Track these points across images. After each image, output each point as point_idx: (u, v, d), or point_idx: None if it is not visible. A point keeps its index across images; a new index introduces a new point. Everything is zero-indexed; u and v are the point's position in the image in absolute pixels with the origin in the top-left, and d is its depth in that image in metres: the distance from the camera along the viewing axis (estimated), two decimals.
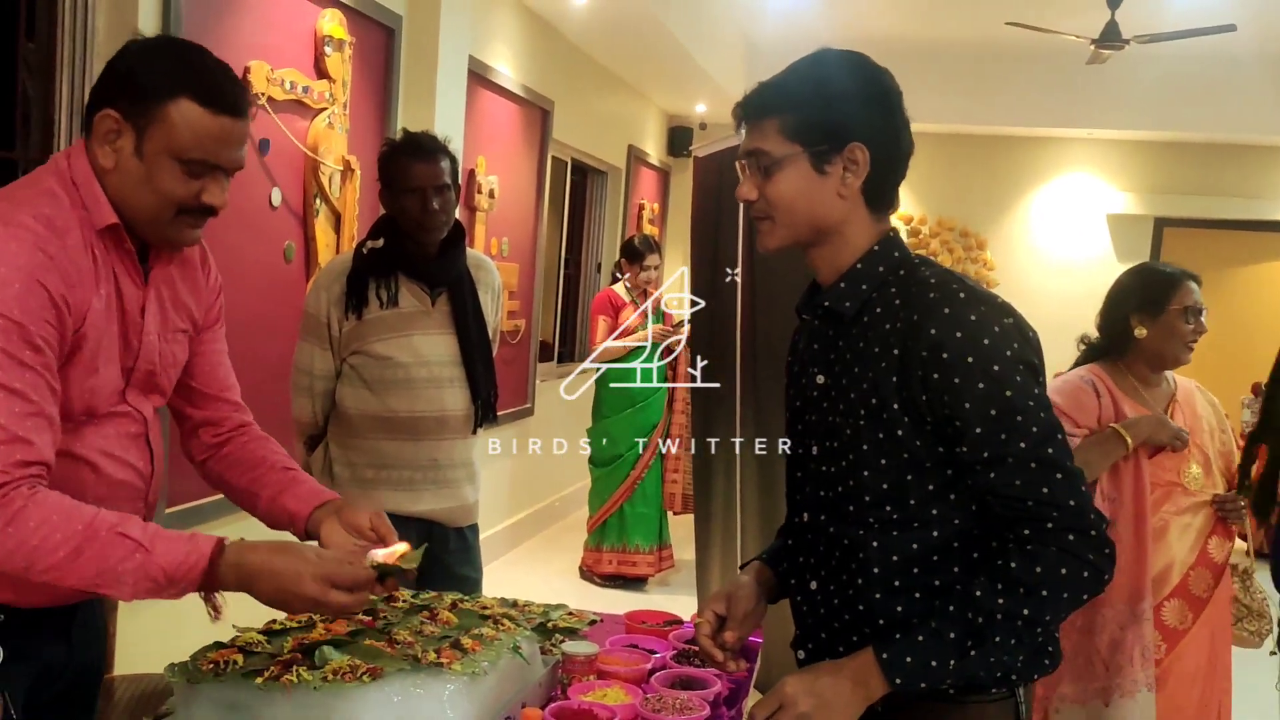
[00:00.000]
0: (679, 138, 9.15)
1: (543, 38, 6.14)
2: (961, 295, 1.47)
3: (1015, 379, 1.44)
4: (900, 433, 1.49)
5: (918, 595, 1.52)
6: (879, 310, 1.53)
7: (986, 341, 1.44)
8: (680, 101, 8.60)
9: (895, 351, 1.48)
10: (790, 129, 1.53)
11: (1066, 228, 9.38)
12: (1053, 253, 9.30)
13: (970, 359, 1.43)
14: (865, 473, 1.52)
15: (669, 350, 5.79)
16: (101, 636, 1.91)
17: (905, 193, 9.32)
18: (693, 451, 5.46)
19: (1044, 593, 1.41)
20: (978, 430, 1.44)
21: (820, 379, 1.60)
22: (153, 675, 2.30)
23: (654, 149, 8.80)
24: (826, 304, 1.58)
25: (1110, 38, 6.23)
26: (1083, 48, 6.58)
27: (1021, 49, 7.75)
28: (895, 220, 2.87)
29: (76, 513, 1.47)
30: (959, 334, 1.44)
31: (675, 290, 9.46)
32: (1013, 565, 1.42)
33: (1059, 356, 2.57)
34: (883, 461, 1.51)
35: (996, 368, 1.43)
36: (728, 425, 4.38)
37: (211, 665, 1.65)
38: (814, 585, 1.63)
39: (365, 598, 1.60)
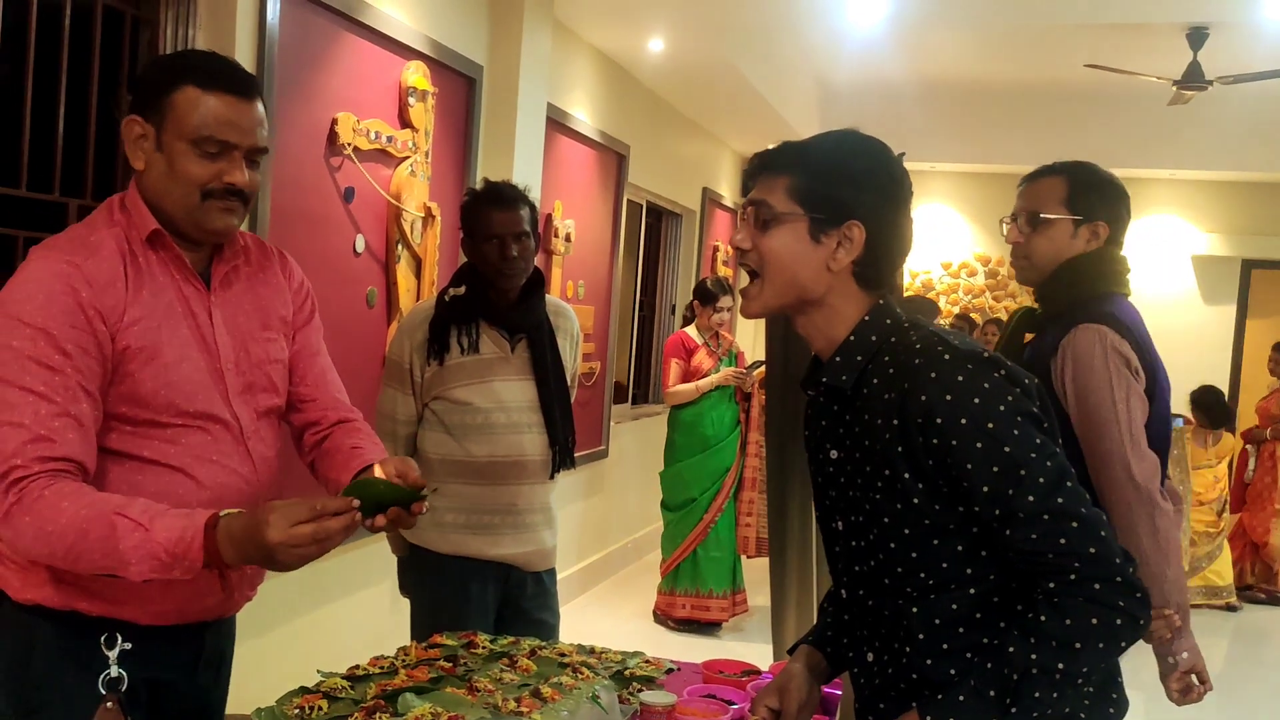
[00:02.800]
0: None
1: (619, 84, 6.22)
2: (946, 357, 1.47)
3: (1013, 432, 1.43)
4: (917, 501, 1.49)
5: (969, 655, 1.51)
6: (876, 381, 1.53)
7: (977, 400, 1.43)
8: (754, 143, 8.63)
9: (895, 422, 1.48)
10: (797, 191, 1.55)
11: (1150, 269, 9.21)
12: (1136, 294, 9.08)
13: (964, 420, 1.43)
14: (892, 545, 1.52)
15: (742, 393, 5.78)
16: (226, 676, 1.97)
17: (983, 233, 9.23)
18: (767, 495, 5.44)
19: (1077, 645, 1.40)
20: (984, 489, 1.43)
21: (834, 454, 1.61)
22: (237, 716, 2.35)
23: (728, 190, 8.84)
24: (825, 380, 1.58)
25: (1193, 79, 6.13)
26: (1164, 88, 6.48)
27: (1101, 90, 7.65)
28: (974, 262, 2.89)
29: (87, 498, 1.55)
30: (948, 397, 1.44)
31: (748, 333, 9.46)
32: (1043, 619, 1.41)
33: None
34: (906, 531, 1.51)
35: (991, 424, 1.43)
36: (803, 468, 4.35)
37: (297, 711, 1.68)
38: (870, 656, 1.62)
39: (335, 526, 1.54)
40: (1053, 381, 2.28)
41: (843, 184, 1.54)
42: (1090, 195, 2.41)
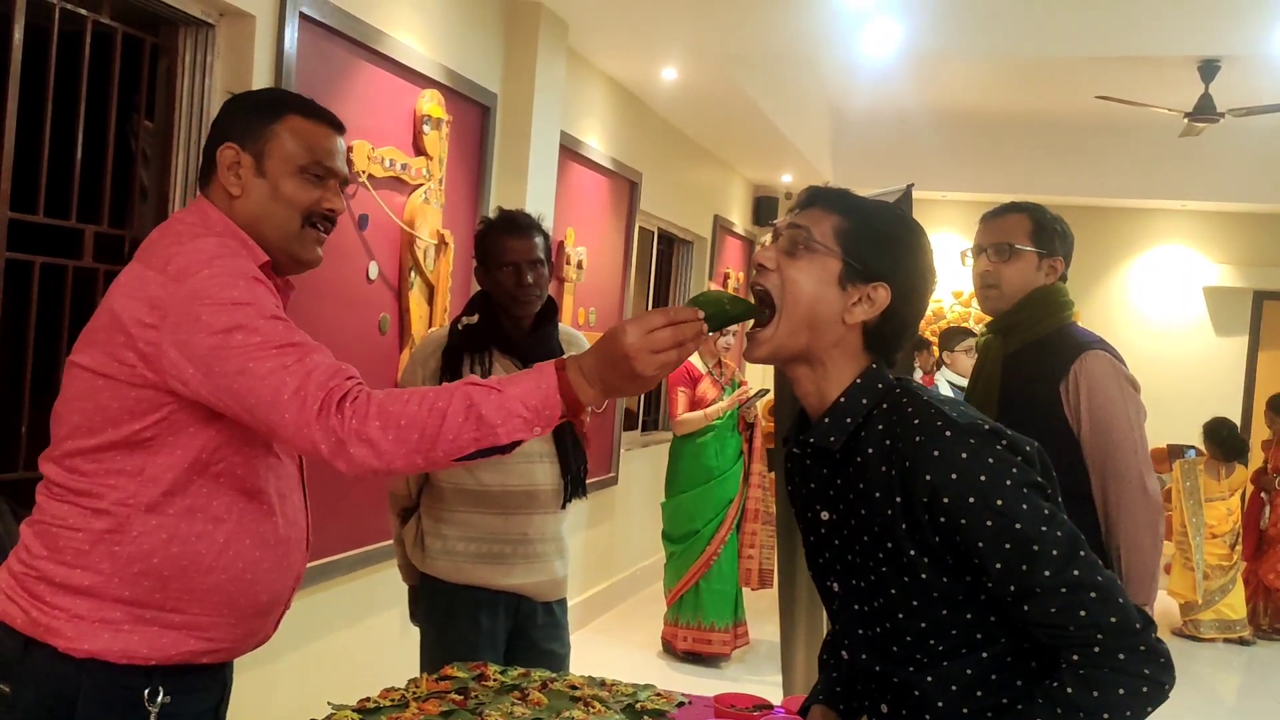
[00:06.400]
0: (764, 207, 9.20)
1: (631, 112, 6.25)
2: (948, 433, 1.44)
3: (1021, 507, 1.41)
4: (925, 576, 1.47)
5: (990, 715, 1.48)
6: (871, 451, 1.50)
7: (983, 478, 1.41)
8: (766, 172, 8.66)
9: (897, 499, 1.46)
10: (843, 234, 1.53)
11: (1161, 300, 9.20)
12: (1148, 326, 9.12)
13: (971, 499, 1.41)
14: (900, 615, 1.50)
15: (745, 423, 5.74)
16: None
17: None
18: (775, 526, 5.40)
19: (1105, 716, 1.38)
20: (998, 566, 1.41)
21: (824, 515, 1.58)
22: None
23: (739, 218, 8.86)
24: (812, 440, 1.55)
25: (1204, 111, 6.15)
26: (1176, 120, 6.50)
27: (1113, 121, 7.68)
28: (975, 289, 2.95)
29: (420, 389, 1.56)
30: (954, 475, 1.41)
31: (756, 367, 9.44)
32: (1069, 691, 1.39)
33: (1152, 433, 2.61)
34: (914, 603, 1.49)
35: (1000, 502, 1.41)
36: None
37: None
38: (885, 709, 1.59)
39: (689, 333, 1.52)
40: (1062, 402, 2.55)
41: (887, 247, 1.54)
42: (1051, 232, 2.67)
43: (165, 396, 1.61)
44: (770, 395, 5.96)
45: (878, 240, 1.54)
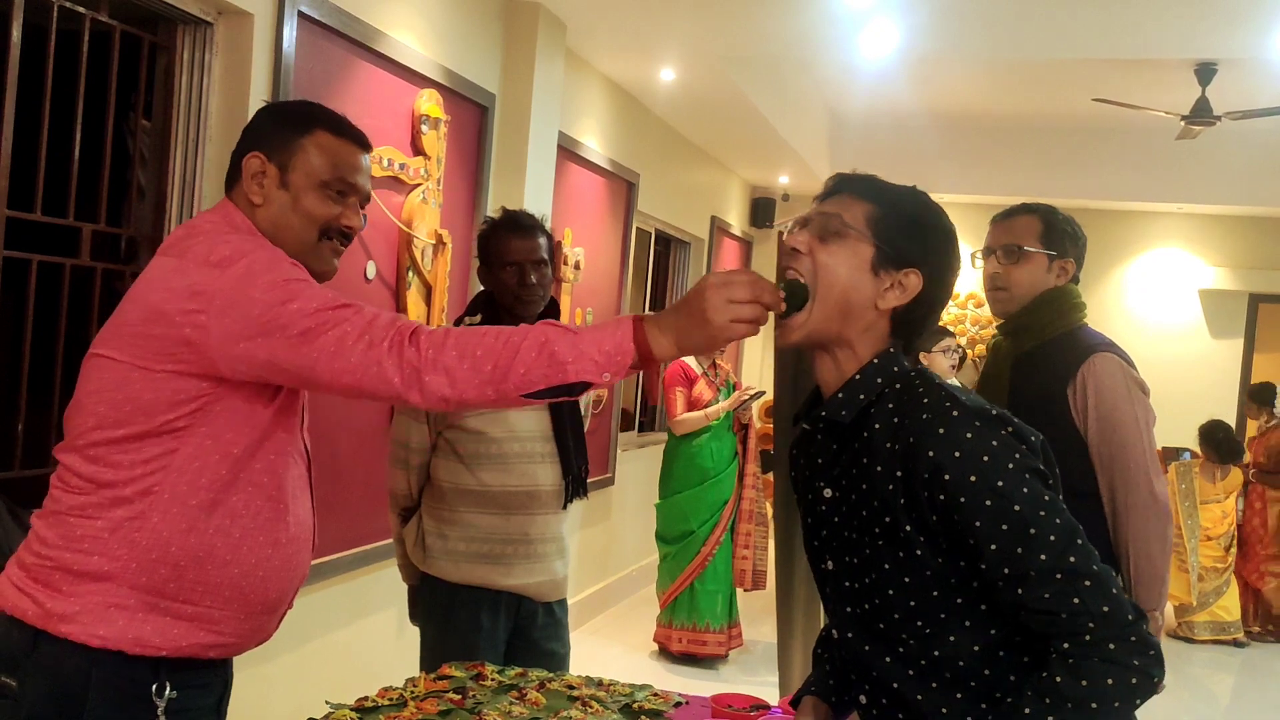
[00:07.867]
0: (762, 208, 9.21)
1: (629, 113, 6.25)
2: (955, 413, 1.45)
3: (1022, 490, 1.41)
4: (919, 553, 1.47)
5: (984, 706, 1.48)
6: (878, 427, 1.50)
7: (986, 458, 1.42)
8: (763, 173, 8.66)
9: (898, 474, 1.46)
10: (875, 220, 1.53)
11: (1157, 302, 9.21)
12: (1144, 328, 9.12)
13: (973, 478, 1.41)
14: (890, 591, 1.50)
15: (739, 424, 5.74)
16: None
17: None
18: (774, 528, 5.39)
19: (1093, 705, 1.37)
20: (993, 548, 1.41)
21: (827, 493, 1.58)
22: None
23: (736, 219, 8.86)
24: (824, 414, 1.56)
25: (1201, 114, 6.16)
26: (1172, 123, 6.51)
27: (1109, 124, 7.69)
28: (982, 293, 2.92)
29: (494, 327, 1.61)
30: (957, 454, 1.42)
31: (754, 366, 9.46)
32: (1058, 680, 1.39)
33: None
34: (906, 580, 1.49)
35: (1001, 483, 1.41)
36: None
37: None
38: (864, 699, 1.59)
39: (769, 299, 1.52)
40: (1069, 404, 2.52)
41: (919, 234, 1.54)
42: (1061, 234, 2.64)
43: (202, 386, 1.64)
44: (767, 396, 5.97)
45: (909, 226, 1.54)
